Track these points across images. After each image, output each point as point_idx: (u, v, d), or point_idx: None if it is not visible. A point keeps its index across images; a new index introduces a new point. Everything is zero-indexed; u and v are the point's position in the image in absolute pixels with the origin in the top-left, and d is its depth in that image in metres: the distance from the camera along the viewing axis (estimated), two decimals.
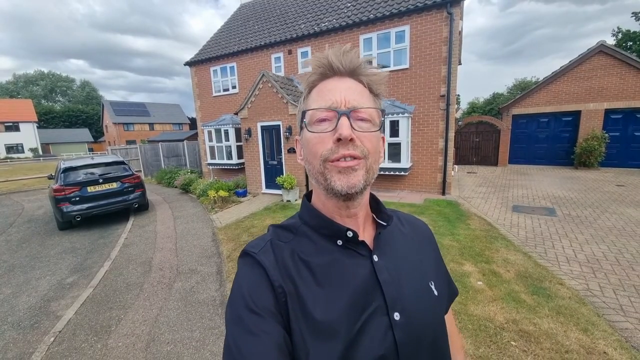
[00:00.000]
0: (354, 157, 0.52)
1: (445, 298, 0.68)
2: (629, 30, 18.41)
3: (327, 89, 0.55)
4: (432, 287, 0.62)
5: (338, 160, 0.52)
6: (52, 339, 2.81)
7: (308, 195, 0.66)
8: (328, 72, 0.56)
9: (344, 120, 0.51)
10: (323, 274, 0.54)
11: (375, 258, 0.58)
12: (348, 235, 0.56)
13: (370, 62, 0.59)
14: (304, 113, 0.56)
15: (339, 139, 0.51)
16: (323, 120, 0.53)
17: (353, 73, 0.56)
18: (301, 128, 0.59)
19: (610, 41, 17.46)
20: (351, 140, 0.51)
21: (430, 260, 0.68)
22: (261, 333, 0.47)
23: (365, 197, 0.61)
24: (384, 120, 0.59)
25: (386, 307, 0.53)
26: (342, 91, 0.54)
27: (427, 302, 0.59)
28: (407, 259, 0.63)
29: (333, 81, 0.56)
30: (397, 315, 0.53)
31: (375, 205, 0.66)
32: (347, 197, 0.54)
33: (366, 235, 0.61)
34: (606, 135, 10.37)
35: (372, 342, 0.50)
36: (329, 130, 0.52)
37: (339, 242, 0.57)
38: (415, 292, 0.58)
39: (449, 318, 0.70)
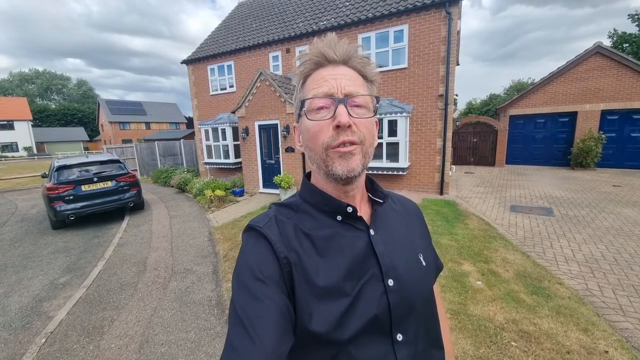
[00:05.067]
0: (352, 143, 0.55)
1: (433, 270, 0.75)
2: (624, 32, 18.56)
3: (321, 77, 0.58)
4: (421, 258, 0.68)
5: (338, 145, 0.55)
6: (43, 340, 2.75)
7: (308, 176, 0.70)
8: (322, 61, 0.58)
9: (341, 108, 0.54)
10: (324, 246, 0.59)
11: (372, 232, 0.63)
12: (348, 210, 0.61)
13: (365, 54, 0.61)
14: (303, 102, 0.58)
15: (338, 126, 0.54)
16: (321, 108, 0.56)
17: (346, 61, 0.59)
18: (299, 116, 0.62)
19: (607, 43, 17.62)
20: (349, 126, 0.55)
21: (419, 235, 0.74)
22: (265, 298, 0.50)
23: (362, 180, 0.65)
24: (378, 105, 0.62)
25: (381, 274, 0.59)
26: (337, 78, 0.57)
27: (417, 272, 0.65)
28: (399, 234, 0.69)
29: (327, 69, 0.58)
30: (391, 282, 0.59)
31: (370, 185, 0.71)
32: (346, 181, 0.58)
33: (363, 212, 0.66)
34: (603, 136, 10.42)
35: (368, 304, 0.56)
36: (327, 118, 0.56)
37: (339, 218, 0.62)
38: (406, 262, 0.64)
39: (434, 289, 0.76)
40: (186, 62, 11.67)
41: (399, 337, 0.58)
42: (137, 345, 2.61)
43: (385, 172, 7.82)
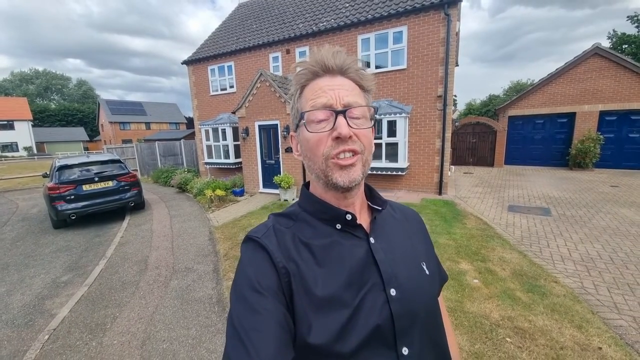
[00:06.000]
0: (352, 151, 0.56)
1: (437, 279, 0.72)
2: (624, 33, 18.62)
3: (319, 88, 0.58)
4: (424, 266, 0.66)
5: (338, 155, 0.56)
6: (46, 336, 2.79)
7: (307, 185, 0.69)
8: (320, 71, 0.59)
9: (341, 119, 0.55)
10: (323, 255, 0.58)
11: (372, 240, 0.62)
12: (347, 218, 0.60)
13: (365, 63, 0.62)
14: (302, 114, 0.59)
15: (337, 137, 0.55)
16: (320, 119, 0.57)
17: (343, 71, 0.59)
18: (297, 126, 0.62)
19: (606, 44, 17.65)
20: (349, 137, 0.55)
21: (420, 243, 0.72)
22: (264, 311, 0.49)
23: (361, 187, 0.65)
24: (375, 115, 0.63)
25: (382, 284, 0.57)
26: (335, 89, 0.57)
27: (420, 280, 0.63)
28: (400, 242, 0.67)
29: (325, 80, 0.58)
30: (393, 291, 0.57)
31: (369, 193, 0.70)
32: (347, 190, 0.58)
33: (362, 220, 0.64)
34: (601, 136, 10.47)
35: (369, 314, 0.54)
36: (327, 130, 0.56)
37: (338, 226, 0.61)
38: (408, 271, 0.62)
39: (440, 302, 0.74)
40: (187, 62, 11.72)
41: (405, 350, 0.55)
42: (139, 342, 2.66)
43: (384, 172, 7.86)
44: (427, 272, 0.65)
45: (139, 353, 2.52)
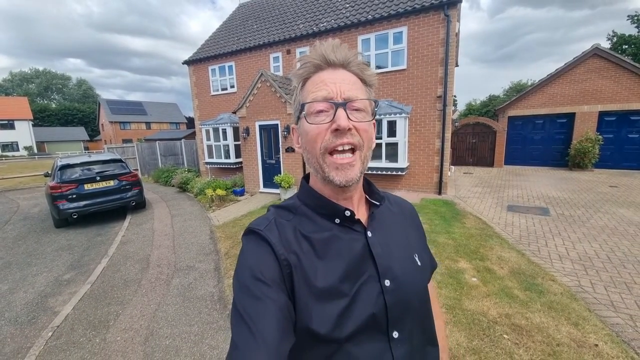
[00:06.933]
0: (351, 145, 0.57)
1: (428, 269, 0.76)
2: (624, 34, 18.69)
3: (321, 80, 0.58)
4: (416, 258, 0.70)
5: (336, 148, 0.57)
6: (50, 333, 2.82)
7: (306, 178, 0.70)
8: (322, 64, 0.59)
9: (341, 111, 0.55)
10: (323, 248, 0.60)
11: (369, 234, 0.64)
12: (346, 214, 0.63)
13: (364, 60, 0.63)
14: (302, 105, 0.60)
15: (337, 129, 0.56)
16: (320, 111, 0.57)
17: (345, 65, 0.60)
18: (298, 118, 0.63)
19: (606, 45, 17.70)
20: (349, 129, 0.56)
21: (414, 236, 0.76)
22: (266, 298, 0.51)
23: (360, 182, 0.67)
24: (376, 109, 0.64)
25: (378, 275, 0.61)
26: (336, 82, 0.58)
27: (412, 272, 0.66)
28: (396, 235, 0.70)
29: (327, 73, 0.59)
30: (387, 282, 0.61)
31: (368, 187, 0.72)
32: (344, 186, 0.60)
33: (360, 214, 0.67)
34: (600, 137, 10.50)
35: (365, 304, 0.57)
36: (326, 122, 0.57)
37: (337, 221, 0.63)
38: (402, 263, 0.65)
39: (430, 287, 0.78)
40: (187, 62, 11.75)
41: (395, 334, 0.60)
42: (142, 338, 2.70)
43: (384, 172, 7.90)
44: (419, 263, 0.69)
45: (142, 349, 2.56)
